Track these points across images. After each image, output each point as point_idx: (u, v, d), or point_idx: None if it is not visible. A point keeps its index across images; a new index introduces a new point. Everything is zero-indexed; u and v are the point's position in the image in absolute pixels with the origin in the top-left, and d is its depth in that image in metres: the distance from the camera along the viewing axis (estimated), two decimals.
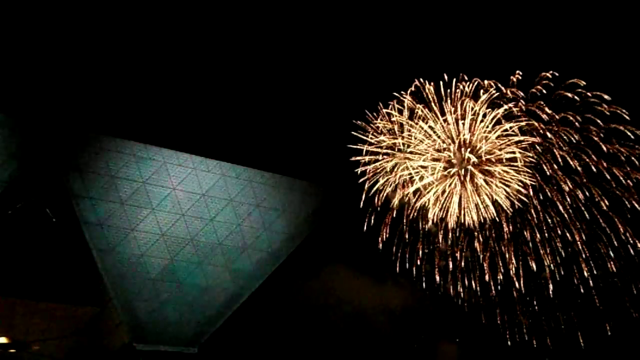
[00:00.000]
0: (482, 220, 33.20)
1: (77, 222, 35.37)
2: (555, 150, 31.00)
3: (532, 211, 32.77)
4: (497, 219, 32.85)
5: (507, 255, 34.59)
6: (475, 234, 34.90)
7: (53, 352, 33.55)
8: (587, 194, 30.95)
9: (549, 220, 32.55)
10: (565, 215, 31.86)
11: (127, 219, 36.95)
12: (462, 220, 33.07)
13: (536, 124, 31.12)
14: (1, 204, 33.79)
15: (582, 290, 33.21)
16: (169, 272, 37.99)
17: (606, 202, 31.32)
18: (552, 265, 33.09)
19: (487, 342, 41.72)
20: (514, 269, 34.56)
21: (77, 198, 35.30)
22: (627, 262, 31.50)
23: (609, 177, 30.71)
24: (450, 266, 36.57)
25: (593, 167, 30.79)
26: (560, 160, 31.00)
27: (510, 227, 33.96)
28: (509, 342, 38.58)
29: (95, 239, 35.82)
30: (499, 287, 35.22)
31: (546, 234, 32.98)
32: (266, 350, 39.38)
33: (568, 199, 31.30)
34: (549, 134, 31.04)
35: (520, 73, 31.71)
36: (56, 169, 34.94)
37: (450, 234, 35.55)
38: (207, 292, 39.02)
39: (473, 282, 35.99)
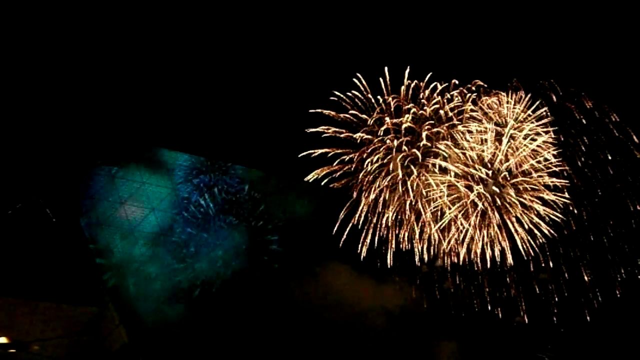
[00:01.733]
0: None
1: (77, 222, 35.45)
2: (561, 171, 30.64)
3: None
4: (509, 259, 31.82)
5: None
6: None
7: (53, 352, 33.51)
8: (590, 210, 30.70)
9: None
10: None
11: (127, 218, 37.05)
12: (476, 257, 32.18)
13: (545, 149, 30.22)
14: (1, 204, 33.73)
15: (588, 318, 32.96)
16: (170, 271, 38.21)
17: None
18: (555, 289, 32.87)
19: (486, 341, 41.85)
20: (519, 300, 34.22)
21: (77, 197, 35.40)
22: (635, 287, 31.26)
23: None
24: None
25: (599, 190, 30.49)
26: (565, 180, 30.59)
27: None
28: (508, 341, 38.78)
29: (95, 239, 36.02)
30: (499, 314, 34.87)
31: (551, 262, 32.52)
32: (264, 350, 39.52)
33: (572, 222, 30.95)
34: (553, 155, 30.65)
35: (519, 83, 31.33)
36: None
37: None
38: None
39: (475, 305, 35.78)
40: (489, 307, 38.39)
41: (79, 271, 35.26)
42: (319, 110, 33.37)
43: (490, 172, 31.06)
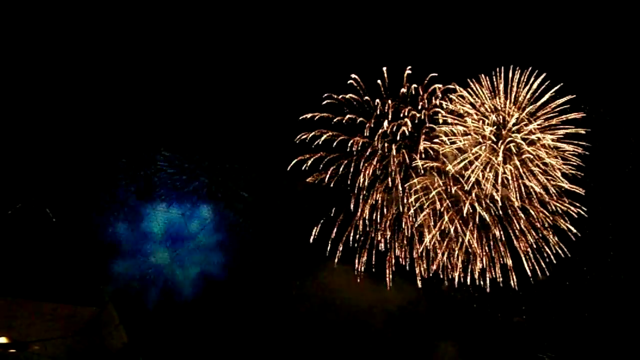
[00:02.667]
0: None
1: (77, 222, 35.50)
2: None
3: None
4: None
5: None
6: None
7: (53, 352, 33.53)
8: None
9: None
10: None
11: (127, 218, 37.15)
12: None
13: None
14: (1, 204, 33.78)
15: (587, 319, 32.91)
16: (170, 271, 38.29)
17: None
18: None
19: (486, 340, 41.86)
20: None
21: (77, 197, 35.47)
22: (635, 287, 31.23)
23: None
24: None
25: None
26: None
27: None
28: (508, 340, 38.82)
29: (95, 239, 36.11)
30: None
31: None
32: (264, 350, 39.54)
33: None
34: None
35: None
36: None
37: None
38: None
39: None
40: (489, 308, 38.45)
41: (79, 271, 35.29)
42: (316, 114, 33.41)
43: (488, 175, 31.11)
